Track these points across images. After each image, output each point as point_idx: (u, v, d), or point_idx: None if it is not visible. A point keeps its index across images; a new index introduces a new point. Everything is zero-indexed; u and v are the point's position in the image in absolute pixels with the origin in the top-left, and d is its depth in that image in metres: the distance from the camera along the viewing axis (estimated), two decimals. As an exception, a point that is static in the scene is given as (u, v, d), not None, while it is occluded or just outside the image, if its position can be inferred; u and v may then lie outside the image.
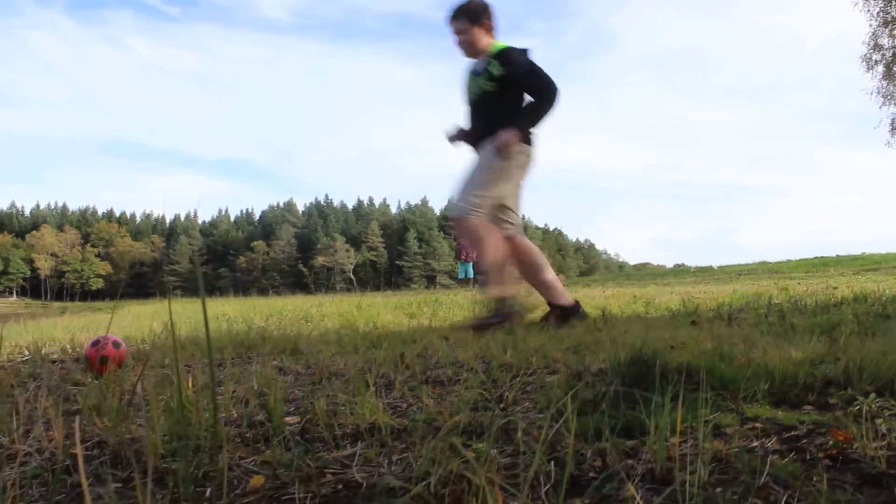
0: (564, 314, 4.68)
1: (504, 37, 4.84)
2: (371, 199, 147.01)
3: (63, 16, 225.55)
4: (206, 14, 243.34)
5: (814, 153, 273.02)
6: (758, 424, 2.05)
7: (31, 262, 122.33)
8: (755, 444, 1.91)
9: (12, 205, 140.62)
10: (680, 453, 1.89)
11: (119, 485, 1.58)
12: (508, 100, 4.72)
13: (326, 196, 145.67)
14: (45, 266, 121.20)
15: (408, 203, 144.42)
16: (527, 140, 4.78)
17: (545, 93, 4.67)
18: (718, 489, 1.62)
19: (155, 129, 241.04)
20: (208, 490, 1.59)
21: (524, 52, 4.79)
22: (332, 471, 1.81)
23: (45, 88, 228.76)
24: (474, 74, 4.85)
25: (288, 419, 2.34)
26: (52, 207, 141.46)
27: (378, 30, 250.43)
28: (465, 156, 5.09)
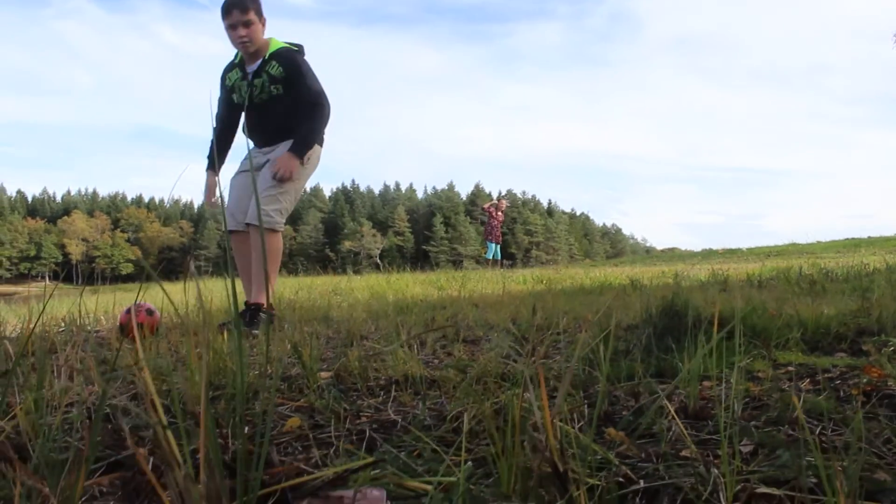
0: (256, 311, 4.34)
1: (530, 20, 4.51)
2: (398, 184, 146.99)
3: (91, 4, 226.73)
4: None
5: (846, 136, 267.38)
6: (790, 368, 2.06)
7: (62, 247, 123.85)
8: (788, 385, 1.92)
9: (44, 191, 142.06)
10: (713, 394, 1.90)
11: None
12: (292, 102, 4.35)
13: (353, 181, 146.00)
14: (76, 251, 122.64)
15: (434, 188, 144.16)
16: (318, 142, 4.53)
17: (320, 106, 4.36)
18: (752, 422, 1.63)
19: (182, 116, 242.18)
20: (246, 429, 1.63)
21: (301, 49, 4.49)
22: (367, 413, 1.85)
23: (75, 77, 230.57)
24: (252, 75, 4.38)
25: (322, 374, 2.38)
26: (83, 193, 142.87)
27: (403, 15, 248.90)
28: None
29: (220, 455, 0.67)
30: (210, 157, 4.69)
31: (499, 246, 20.25)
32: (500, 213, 20.35)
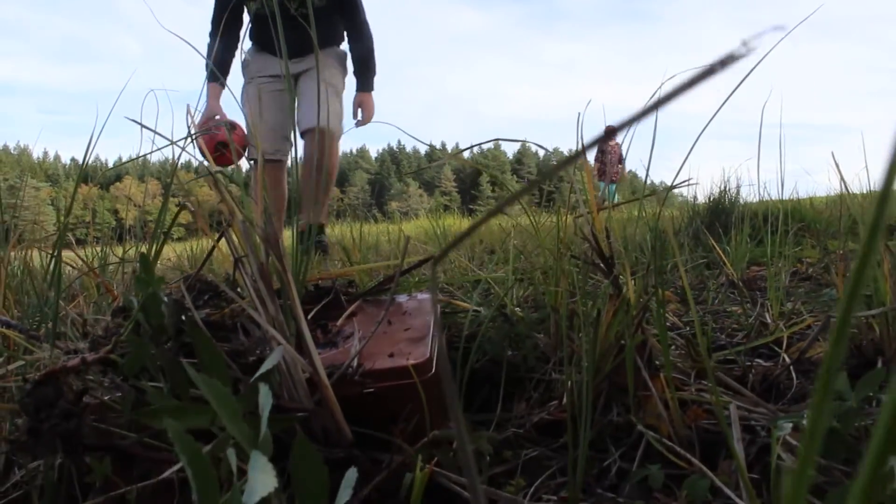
0: (322, 231, 4.12)
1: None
2: (444, 144, 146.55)
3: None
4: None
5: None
6: (839, 252, 2.05)
7: (115, 212, 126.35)
8: (836, 264, 1.91)
9: (97, 158, 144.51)
10: (760, 275, 1.91)
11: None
12: (336, 18, 3.79)
13: (399, 142, 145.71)
14: (128, 216, 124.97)
15: (480, 148, 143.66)
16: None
17: (368, 30, 3.88)
18: (800, 289, 1.64)
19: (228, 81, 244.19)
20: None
21: None
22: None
23: (125, 44, 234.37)
24: None
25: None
26: (134, 159, 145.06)
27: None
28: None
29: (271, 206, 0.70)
30: (214, 65, 3.72)
31: (615, 188, 12.36)
32: (614, 145, 13.56)
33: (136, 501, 0.55)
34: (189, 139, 0.88)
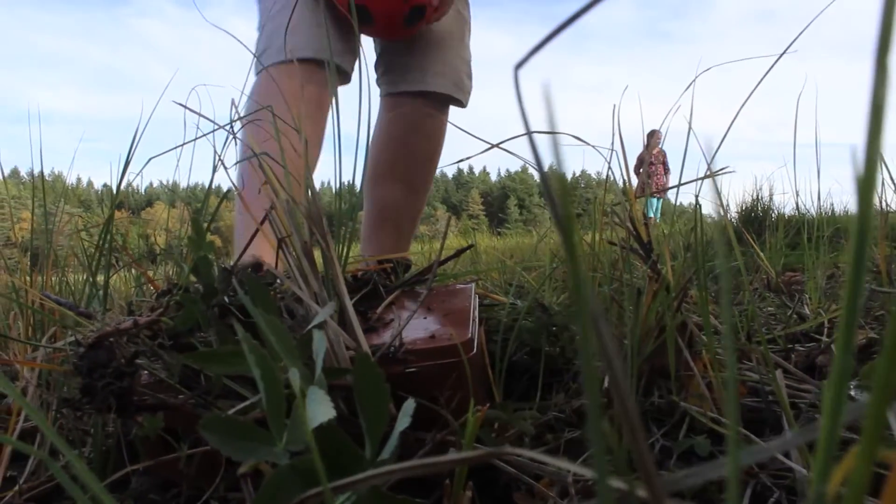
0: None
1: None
2: (471, 168, 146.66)
3: (167, 1, 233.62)
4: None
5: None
6: (876, 257, 2.03)
7: (146, 237, 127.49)
8: (875, 268, 1.90)
9: (128, 184, 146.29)
10: (795, 280, 1.90)
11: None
12: None
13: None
14: (159, 241, 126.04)
15: (507, 171, 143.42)
16: None
17: None
18: (839, 291, 1.63)
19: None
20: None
21: None
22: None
23: (153, 72, 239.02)
24: None
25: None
26: (164, 185, 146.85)
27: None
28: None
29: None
30: None
31: (660, 202, 7.47)
32: (658, 152, 11.79)
33: (186, 461, 0.56)
34: (232, 128, 0.88)
